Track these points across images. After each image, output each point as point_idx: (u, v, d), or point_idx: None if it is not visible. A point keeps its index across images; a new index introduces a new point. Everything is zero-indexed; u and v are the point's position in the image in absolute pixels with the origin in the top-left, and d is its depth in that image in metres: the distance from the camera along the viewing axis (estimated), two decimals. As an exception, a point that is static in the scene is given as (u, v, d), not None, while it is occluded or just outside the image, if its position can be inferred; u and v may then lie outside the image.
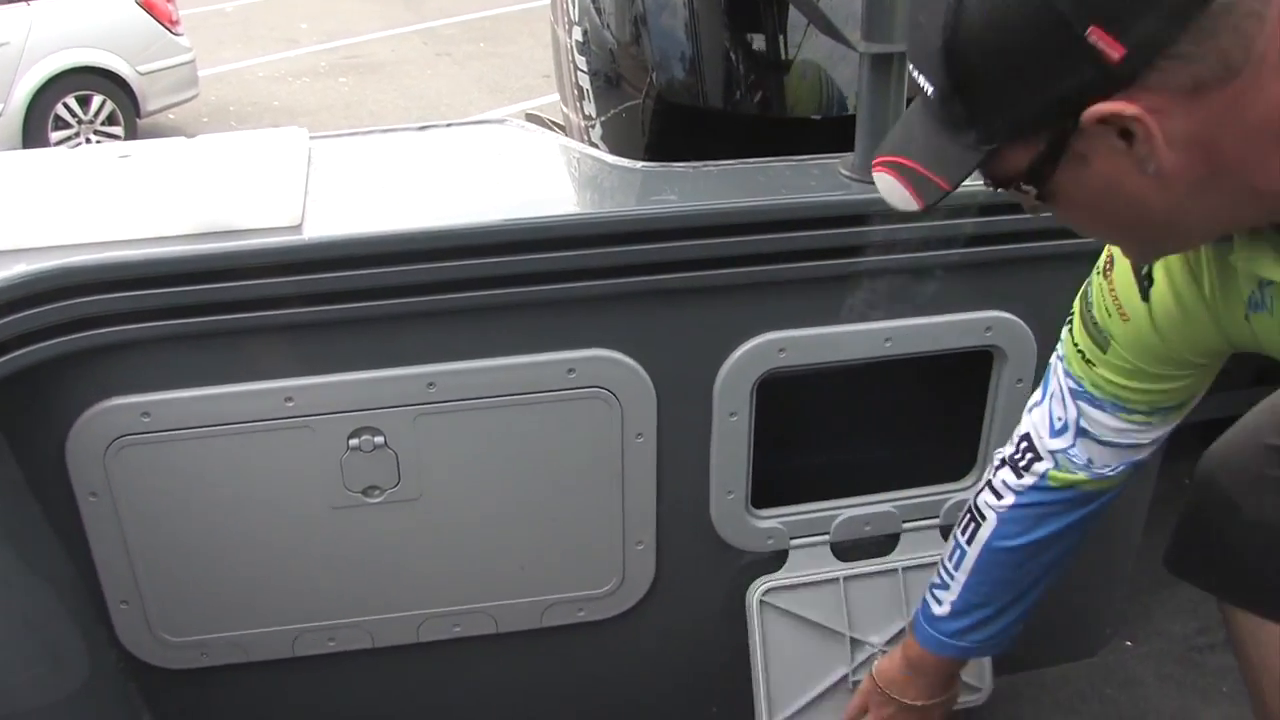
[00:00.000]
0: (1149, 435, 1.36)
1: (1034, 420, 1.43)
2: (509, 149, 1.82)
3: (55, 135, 7.61)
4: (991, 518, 1.48)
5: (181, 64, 8.08)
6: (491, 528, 1.72)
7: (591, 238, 1.54)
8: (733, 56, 1.98)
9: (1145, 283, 1.18)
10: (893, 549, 1.89)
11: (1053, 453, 1.40)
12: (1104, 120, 0.83)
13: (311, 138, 1.79)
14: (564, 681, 1.92)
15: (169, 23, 7.97)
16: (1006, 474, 1.47)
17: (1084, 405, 1.34)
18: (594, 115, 2.23)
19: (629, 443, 1.68)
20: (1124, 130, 0.83)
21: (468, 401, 1.61)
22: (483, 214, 1.54)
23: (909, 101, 1.78)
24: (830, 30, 1.60)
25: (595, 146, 2.25)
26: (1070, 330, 1.34)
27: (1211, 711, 2.09)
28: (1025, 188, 0.92)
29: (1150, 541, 2.26)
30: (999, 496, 1.47)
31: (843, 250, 1.62)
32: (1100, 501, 1.46)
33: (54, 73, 7.50)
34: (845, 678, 1.90)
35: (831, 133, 1.88)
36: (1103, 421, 1.34)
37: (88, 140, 7.68)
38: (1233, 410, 2.66)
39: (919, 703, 1.63)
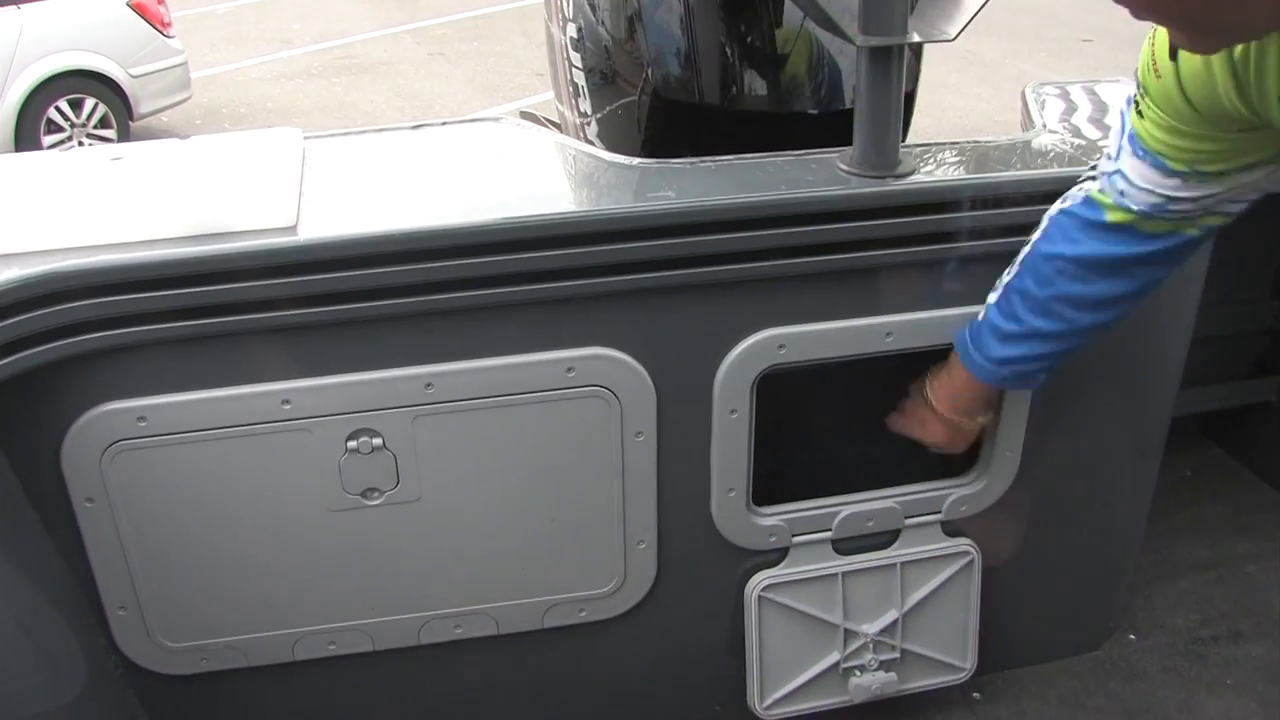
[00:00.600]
0: (1182, 193, 1.34)
1: (1109, 141, 1.43)
2: (505, 147, 1.81)
3: (48, 139, 7.58)
4: (1045, 220, 1.51)
5: (174, 66, 8.06)
6: (492, 529, 1.71)
7: (589, 235, 1.53)
8: (729, 51, 1.97)
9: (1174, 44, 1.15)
10: (893, 544, 1.88)
11: (1104, 173, 1.41)
12: None
13: (306, 138, 1.78)
14: (566, 682, 1.91)
15: (160, 25, 7.95)
16: (1072, 191, 1.48)
17: (1129, 152, 1.34)
18: (589, 112, 2.22)
19: (629, 441, 1.67)
20: None
21: (466, 402, 1.60)
22: (479, 213, 1.53)
23: (908, 95, 1.78)
24: (827, 24, 1.59)
25: (591, 144, 2.24)
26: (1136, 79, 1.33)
27: (1216, 704, 2.09)
28: None
29: (1153, 534, 2.26)
30: (1062, 202, 1.49)
31: (842, 245, 1.61)
32: (1129, 248, 1.43)
33: (46, 76, 7.48)
34: (837, 664, 1.91)
35: (829, 127, 1.87)
36: (1139, 170, 1.34)
37: (80, 144, 7.65)
38: (1233, 401, 2.68)
39: (938, 407, 1.70)
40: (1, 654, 1.47)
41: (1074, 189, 1.49)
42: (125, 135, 7.87)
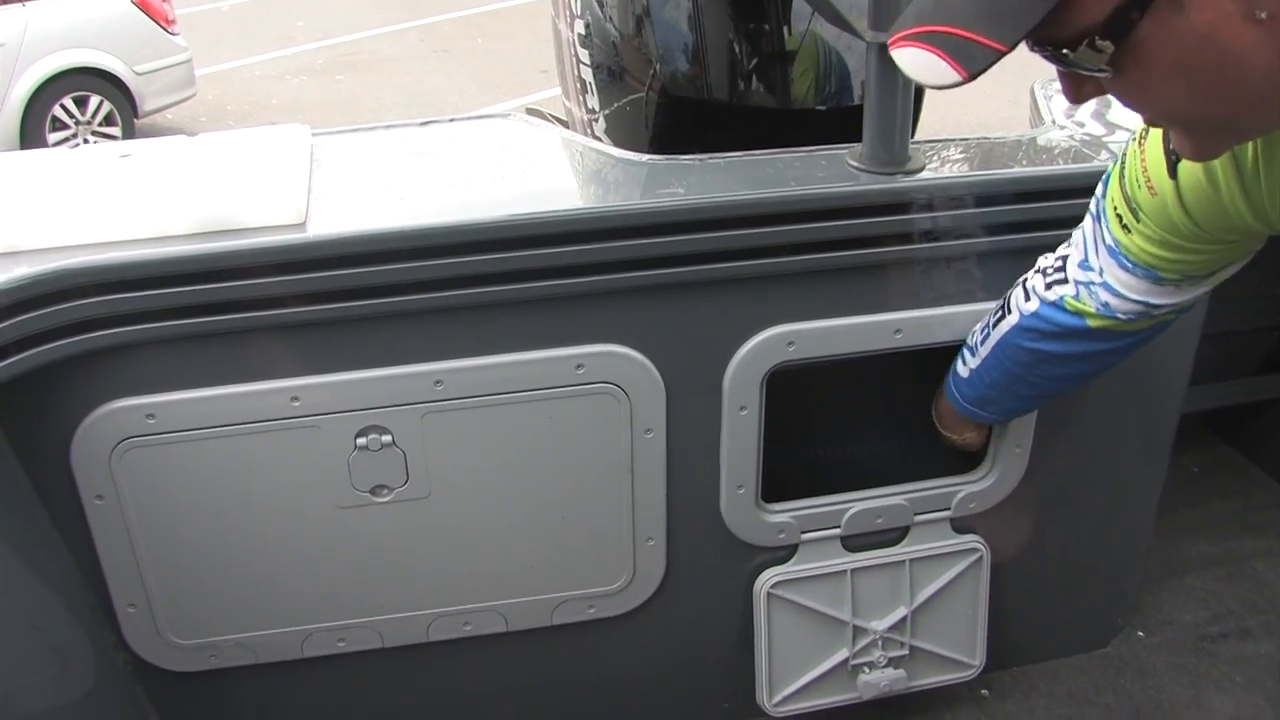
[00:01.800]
0: (1172, 299, 1.33)
1: (1074, 242, 1.41)
2: (513, 143, 1.81)
3: (53, 136, 7.58)
4: (1015, 315, 1.50)
5: (178, 63, 8.05)
6: (501, 525, 1.71)
7: (598, 232, 1.52)
8: (737, 47, 1.96)
9: (1173, 158, 1.10)
10: (902, 541, 1.88)
11: (1076, 282, 1.39)
12: None
13: (313, 135, 1.78)
14: (575, 679, 1.91)
15: (165, 22, 7.94)
16: (1038, 280, 1.47)
17: (1115, 265, 1.32)
18: (597, 109, 2.22)
19: (638, 438, 1.67)
20: None
21: (475, 399, 1.59)
22: (488, 209, 1.53)
23: (918, 91, 1.78)
24: (837, 19, 1.58)
25: (599, 140, 2.24)
26: (1108, 189, 1.29)
27: (1225, 701, 2.08)
28: (1101, 44, 0.75)
29: (1161, 531, 2.26)
30: (1027, 299, 1.49)
31: (851, 241, 1.61)
32: (1111, 344, 1.44)
33: (50, 74, 7.48)
34: (845, 661, 1.91)
35: (838, 123, 1.87)
36: (1129, 283, 1.32)
37: (85, 141, 7.65)
38: (1241, 398, 2.67)
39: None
40: (11, 651, 1.47)
41: (1032, 283, 1.48)
42: (130, 133, 7.86)
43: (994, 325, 1.56)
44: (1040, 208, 1.65)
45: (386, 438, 1.59)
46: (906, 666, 1.94)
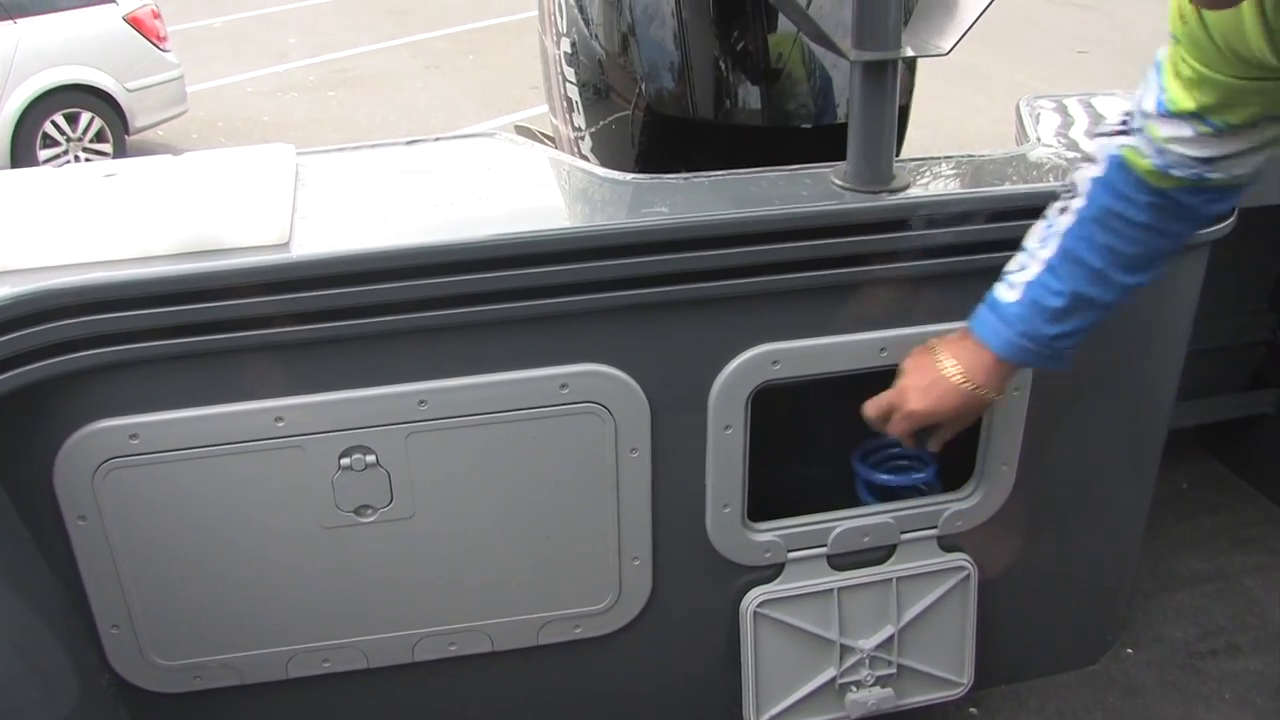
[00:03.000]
0: (1215, 150, 1.31)
1: (1137, 96, 1.38)
2: (498, 163, 1.81)
3: (44, 153, 7.58)
4: (1086, 185, 1.43)
5: (170, 80, 8.05)
6: (486, 546, 1.71)
7: (582, 251, 1.52)
8: (723, 66, 1.97)
9: None
10: (889, 559, 1.87)
11: (1134, 130, 1.37)
12: None
13: (299, 153, 1.78)
14: (561, 699, 1.90)
15: (157, 39, 7.95)
16: (1102, 141, 1.42)
17: (1160, 115, 1.31)
18: (583, 127, 2.22)
19: (623, 457, 1.67)
20: None
21: (459, 419, 1.59)
22: (472, 229, 1.53)
23: (902, 109, 1.78)
24: (821, 39, 1.59)
25: (585, 158, 2.24)
26: (1168, 50, 1.30)
27: (1214, 718, 2.08)
28: None
29: (1150, 547, 2.26)
30: (1094, 163, 1.43)
31: (836, 260, 1.61)
32: (1168, 198, 1.38)
33: (41, 90, 7.48)
34: (833, 680, 1.90)
35: (823, 142, 1.87)
36: (1173, 133, 1.31)
37: (76, 158, 7.65)
38: (1230, 413, 2.67)
39: (961, 381, 1.51)
40: (-7, 673, 1.46)
41: (1103, 146, 1.42)
42: (121, 149, 7.86)
43: (1060, 212, 1.46)
44: (1026, 225, 1.64)
45: (370, 458, 1.59)
46: (894, 685, 1.93)
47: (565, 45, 2.24)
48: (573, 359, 1.60)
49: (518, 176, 1.77)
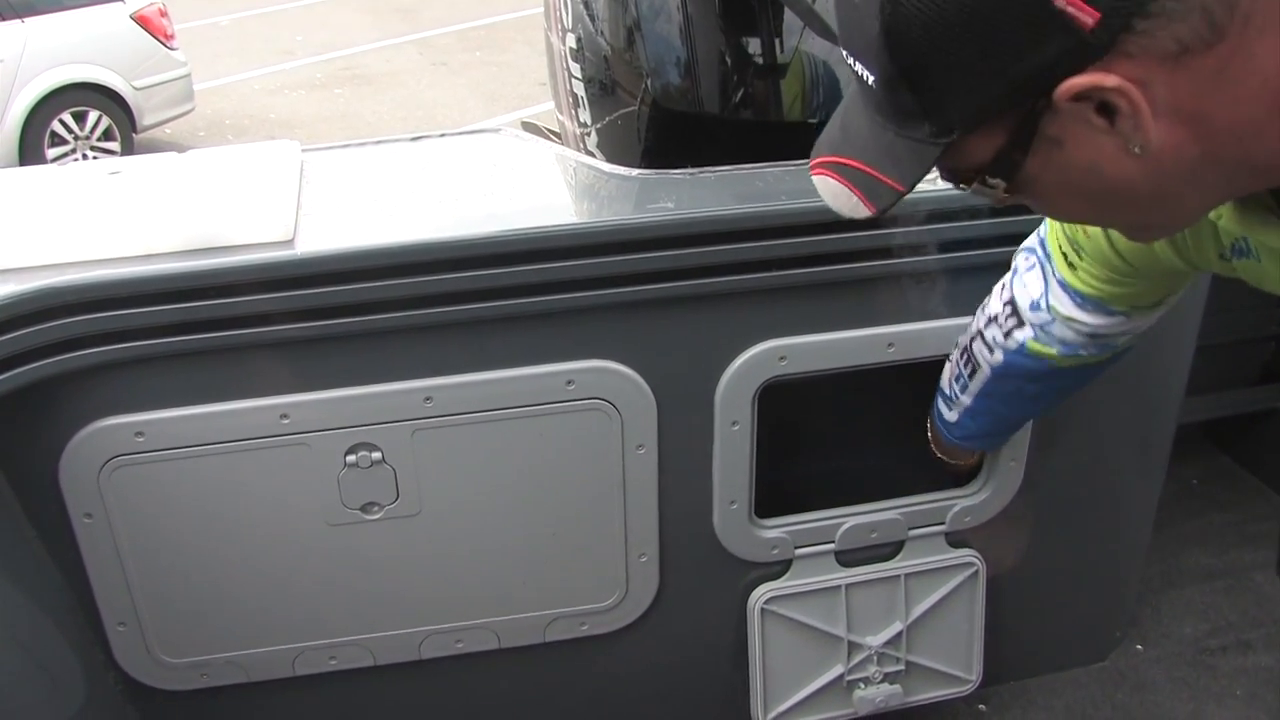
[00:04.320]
0: (1124, 328, 1.34)
1: (1011, 285, 1.41)
2: (503, 159, 1.81)
3: (52, 152, 7.59)
4: (985, 369, 1.49)
5: (177, 78, 8.06)
6: (492, 543, 1.70)
7: (588, 247, 1.52)
8: (728, 61, 1.96)
9: None
10: (897, 555, 1.87)
11: (1033, 324, 1.38)
12: (1080, 96, 0.73)
13: (304, 150, 1.78)
14: (568, 697, 1.90)
15: (164, 37, 7.95)
16: (995, 331, 1.45)
17: (1068, 301, 1.32)
18: (589, 123, 2.21)
19: (630, 454, 1.66)
20: (1103, 105, 0.73)
21: (465, 415, 1.59)
22: (477, 225, 1.52)
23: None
24: (826, 33, 1.58)
25: (591, 154, 2.23)
26: (1049, 231, 1.32)
27: (1225, 715, 2.07)
28: (992, 181, 0.81)
29: (1159, 543, 2.25)
30: (990, 351, 1.47)
31: (843, 255, 1.60)
32: (1083, 373, 1.44)
33: (49, 89, 7.49)
34: (840, 677, 1.90)
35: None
36: (1082, 317, 1.32)
37: (84, 156, 7.66)
38: (1242, 408, 2.66)
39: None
40: (0, 671, 1.46)
41: (990, 335, 1.46)
42: (129, 148, 7.87)
43: (969, 378, 1.54)
44: (1033, 219, 1.64)
45: (376, 455, 1.58)
46: (902, 682, 1.93)
47: (571, 41, 2.23)
48: (579, 355, 1.59)
49: (523, 172, 1.76)
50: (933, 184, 1.65)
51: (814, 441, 1.91)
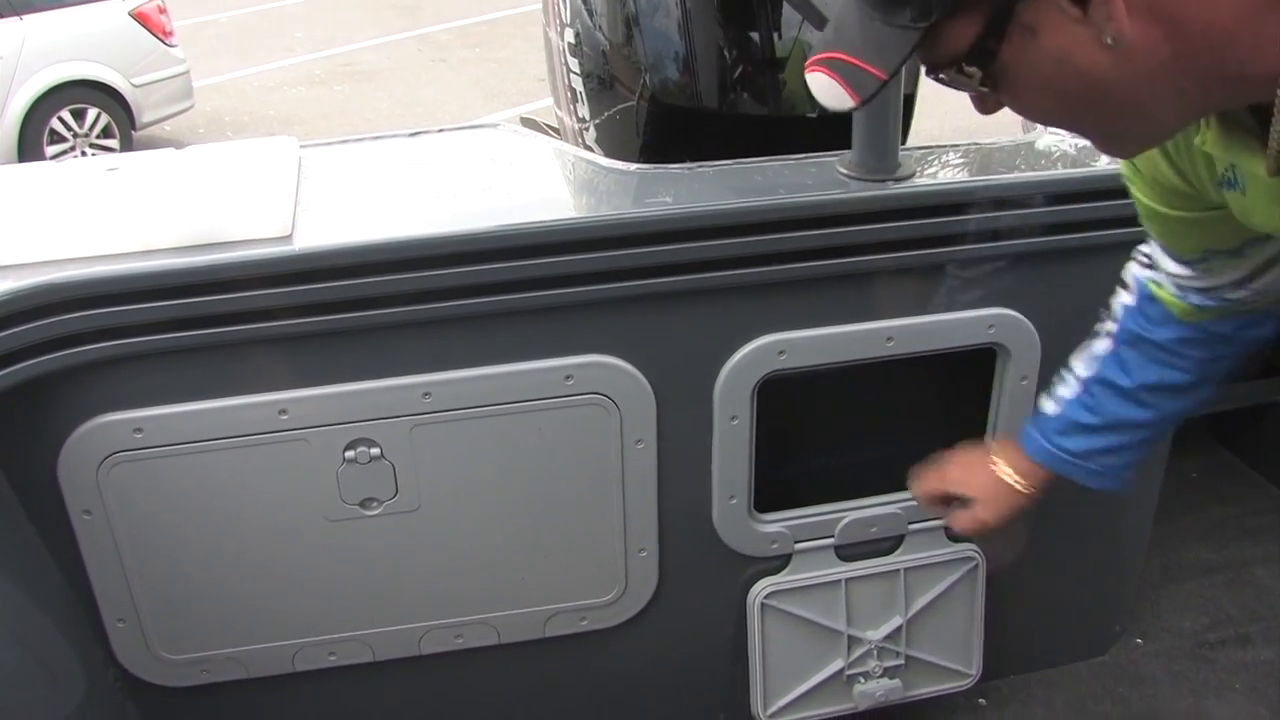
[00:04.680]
0: (1209, 281, 1.27)
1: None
2: (502, 154, 1.80)
3: (51, 149, 7.58)
4: (1119, 311, 1.41)
5: (176, 75, 8.05)
6: (492, 538, 1.70)
7: (586, 242, 1.52)
8: (727, 55, 1.96)
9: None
10: (897, 549, 1.87)
11: (1155, 266, 1.34)
12: None
13: (302, 146, 1.77)
14: (568, 691, 1.90)
15: (163, 34, 7.95)
16: (1135, 268, 1.39)
17: (1151, 244, 1.31)
18: (587, 118, 2.21)
19: (629, 449, 1.66)
20: None
21: (464, 411, 1.58)
22: (475, 220, 1.52)
23: (908, 97, 1.77)
24: (824, 26, 1.57)
25: (589, 149, 2.23)
26: None
27: (1225, 709, 2.07)
28: (969, 69, 0.83)
29: (1159, 537, 2.24)
30: (1128, 288, 1.40)
31: (842, 249, 1.60)
32: (1199, 330, 1.35)
33: (48, 87, 7.48)
34: (840, 672, 1.90)
35: (828, 131, 1.86)
36: (1167, 263, 1.29)
37: (83, 154, 7.65)
38: (1242, 402, 2.66)
39: (1000, 470, 1.49)
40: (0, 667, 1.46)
41: (1134, 274, 1.40)
42: (128, 145, 7.87)
43: (1098, 337, 1.44)
44: (1031, 214, 1.64)
45: (375, 450, 1.58)
46: (902, 676, 1.93)
47: (569, 36, 2.23)
48: (578, 350, 1.59)
49: (522, 168, 1.76)
50: (929, 178, 1.66)
51: (813, 436, 1.90)
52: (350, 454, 1.58)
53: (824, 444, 1.91)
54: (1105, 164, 1.70)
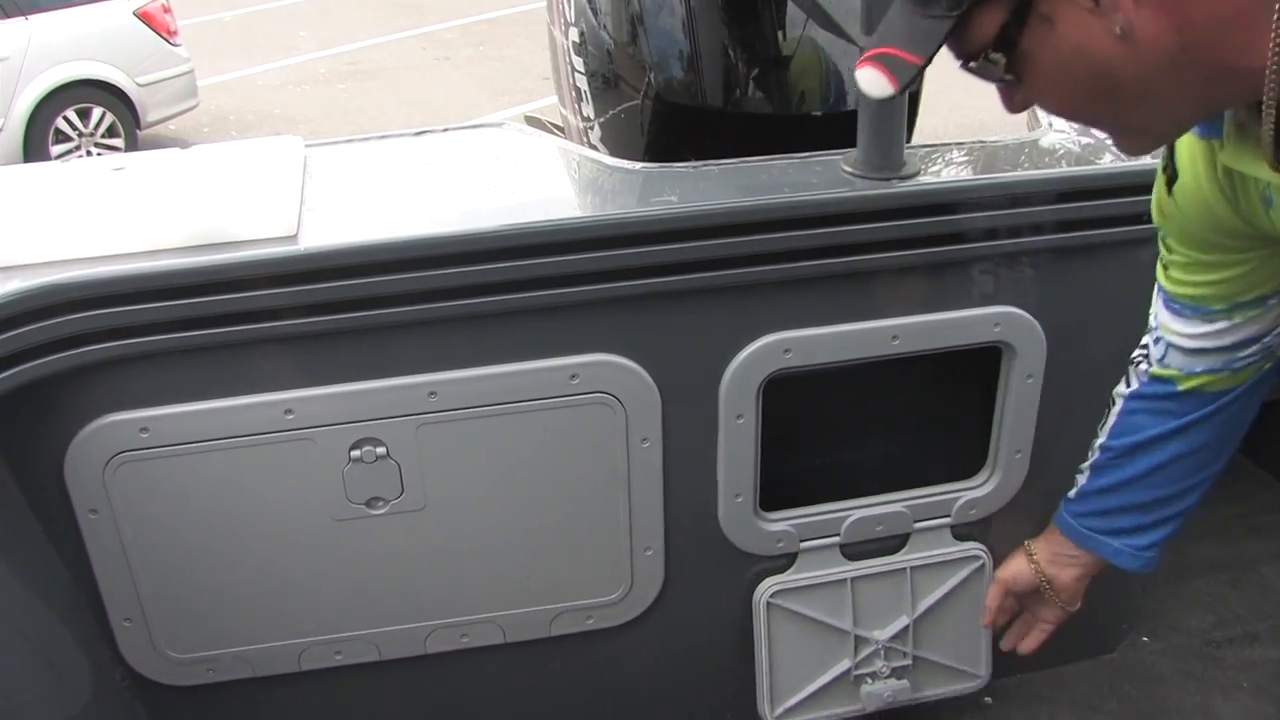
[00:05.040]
0: (1232, 336, 1.31)
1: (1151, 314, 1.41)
2: (506, 153, 1.80)
3: (56, 149, 7.61)
4: (1119, 403, 1.47)
5: (180, 74, 8.08)
6: (497, 537, 1.70)
7: (591, 241, 1.52)
8: (731, 54, 1.96)
9: (1170, 176, 1.17)
10: (902, 548, 1.86)
11: (1154, 344, 1.39)
12: None
13: (307, 145, 1.78)
14: (574, 690, 1.90)
15: (167, 34, 7.97)
16: (1131, 368, 1.45)
17: (1170, 316, 1.34)
18: (592, 117, 2.21)
19: (634, 448, 1.66)
20: None
21: (470, 410, 1.58)
22: (481, 219, 1.52)
23: (913, 96, 1.77)
24: (830, 25, 1.58)
25: (594, 148, 2.23)
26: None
27: (1232, 707, 2.07)
28: (994, 56, 0.90)
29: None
30: (1127, 384, 1.46)
31: (847, 248, 1.60)
32: (1210, 406, 1.41)
33: (54, 86, 7.51)
34: (848, 671, 1.89)
35: (833, 129, 1.86)
36: (1187, 329, 1.33)
37: (88, 153, 7.67)
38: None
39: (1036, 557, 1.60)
40: (7, 666, 1.46)
41: (1131, 370, 1.45)
42: (133, 144, 7.89)
43: (1107, 418, 1.51)
44: (1036, 211, 1.64)
45: (381, 449, 1.58)
46: (910, 677, 1.92)
47: (574, 35, 2.23)
48: (583, 349, 1.59)
49: (526, 167, 1.76)
50: (934, 177, 1.66)
51: (818, 434, 1.90)
52: (356, 453, 1.58)
53: (829, 442, 1.91)
54: (1110, 162, 1.70)
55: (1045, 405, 1.79)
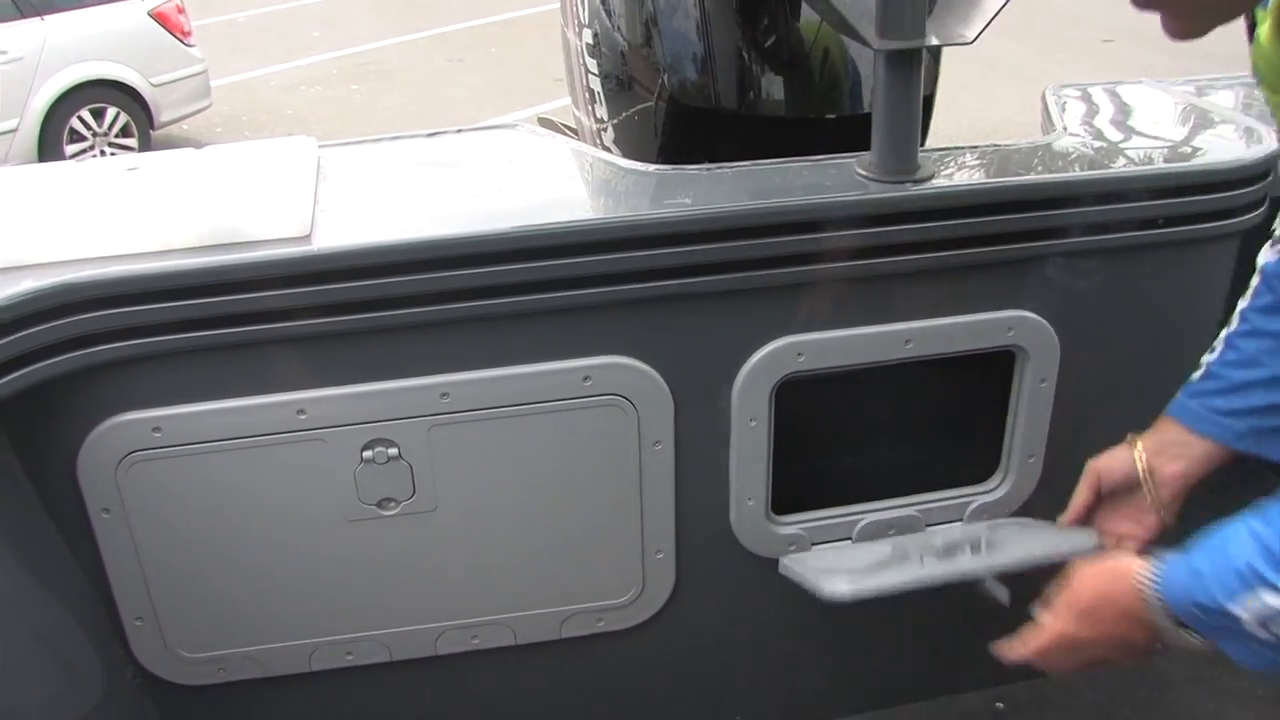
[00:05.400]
0: None
1: None
2: (520, 154, 1.80)
3: (70, 148, 7.65)
4: (1261, 274, 1.41)
5: (194, 75, 8.12)
6: (509, 538, 1.70)
7: (605, 243, 1.51)
8: (746, 56, 1.95)
9: (1250, 27, 1.17)
10: (915, 553, 1.86)
11: None
12: None
13: (320, 146, 1.78)
14: (584, 693, 1.90)
15: (181, 34, 8.01)
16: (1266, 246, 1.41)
17: None
18: (606, 118, 2.21)
19: (646, 450, 1.66)
20: None
21: (482, 411, 1.58)
22: (494, 221, 1.52)
23: (927, 98, 1.76)
24: (845, 27, 1.57)
25: (607, 150, 2.23)
26: None
27: (1246, 715, 2.06)
28: None
29: (1178, 539, 2.22)
30: (1273, 244, 1.40)
31: (860, 251, 1.59)
32: None
33: (68, 86, 7.54)
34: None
35: (847, 132, 1.85)
36: None
37: (102, 153, 7.71)
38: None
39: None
40: (19, 665, 1.46)
41: (1267, 246, 1.41)
42: (146, 144, 7.93)
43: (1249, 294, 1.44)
44: (1052, 215, 1.63)
45: (393, 450, 1.58)
46: None
47: (587, 36, 2.23)
48: (595, 351, 1.59)
49: (540, 168, 1.76)
50: (948, 180, 1.65)
51: (831, 437, 1.90)
52: (368, 454, 1.58)
53: (842, 445, 1.91)
54: (1124, 166, 1.70)
55: (1059, 409, 1.78)
